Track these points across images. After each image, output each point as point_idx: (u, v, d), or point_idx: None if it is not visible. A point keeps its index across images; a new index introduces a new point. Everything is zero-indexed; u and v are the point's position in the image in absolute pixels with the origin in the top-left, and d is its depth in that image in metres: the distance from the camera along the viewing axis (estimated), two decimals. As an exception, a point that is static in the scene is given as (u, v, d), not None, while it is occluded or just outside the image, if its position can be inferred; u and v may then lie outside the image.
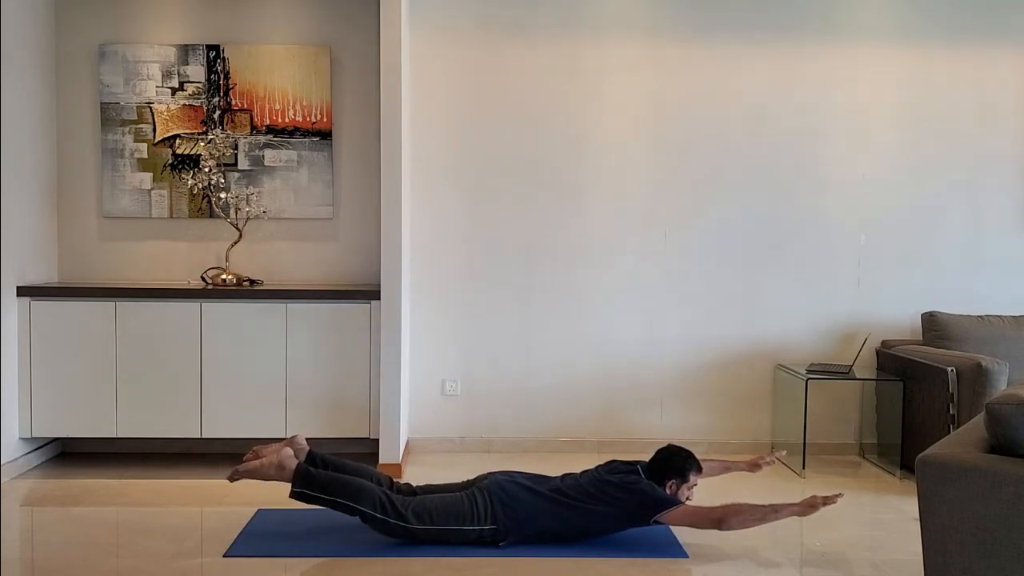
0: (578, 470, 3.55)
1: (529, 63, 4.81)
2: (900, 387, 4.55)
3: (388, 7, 4.24)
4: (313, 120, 4.75)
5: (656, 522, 3.30)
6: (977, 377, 4.10)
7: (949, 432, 3.91)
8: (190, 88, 4.73)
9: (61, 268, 4.77)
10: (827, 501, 3.22)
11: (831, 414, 4.92)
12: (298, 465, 3.31)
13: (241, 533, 3.43)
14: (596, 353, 4.88)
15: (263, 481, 3.38)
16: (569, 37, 4.80)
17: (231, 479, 3.38)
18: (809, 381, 4.48)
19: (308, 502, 3.30)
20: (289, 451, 3.36)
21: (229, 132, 4.74)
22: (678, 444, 3.60)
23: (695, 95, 4.84)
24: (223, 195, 4.69)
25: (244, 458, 3.41)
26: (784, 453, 3.98)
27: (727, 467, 3.75)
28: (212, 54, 4.71)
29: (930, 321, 4.71)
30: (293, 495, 3.29)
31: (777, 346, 4.92)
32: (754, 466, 3.70)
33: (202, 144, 4.73)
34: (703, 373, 4.92)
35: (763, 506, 3.26)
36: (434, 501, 3.32)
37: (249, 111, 4.74)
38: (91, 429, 4.35)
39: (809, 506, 3.23)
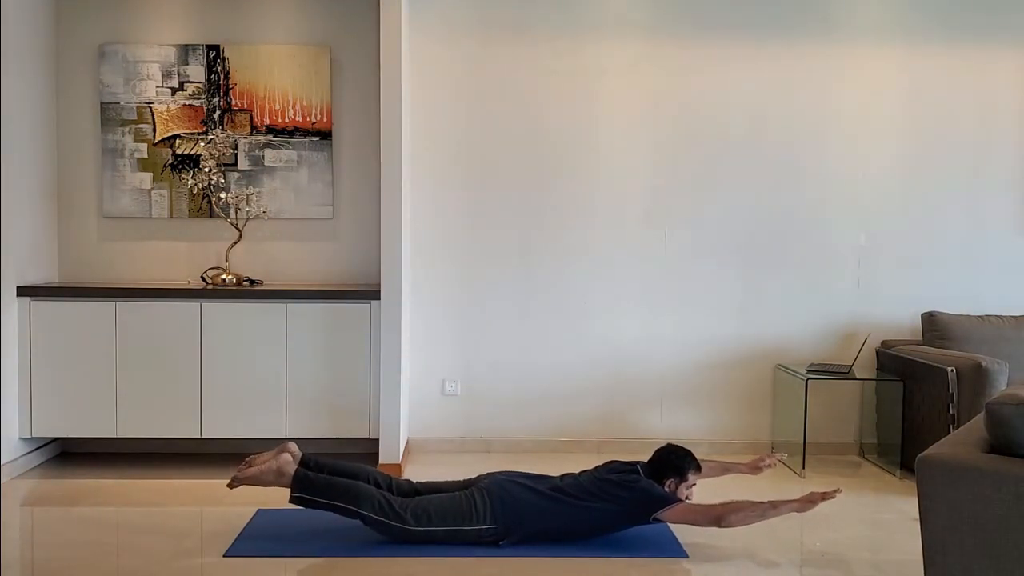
0: (577, 470, 3.55)
1: (529, 63, 4.80)
2: (900, 387, 4.54)
3: (388, 7, 4.25)
4: (313, 120, 4.75)
5: (656, 520, 3.30)
6: (977, 377, 4.10)
7: (949, 432, 3.91)
8: (190, 88, 4.73)
9: (61, 268, 4.77)
10: (826, 496, 3.22)
11: (831, 414, 4.92)
12: (296, 470, 3.32)
13: (241, 533, 3.43)
14: (596, 353, 4.88)
15: (263, 487, 3.40)
16: (569, 37, 4.80)
17: (230, 486, 3.40)
18: (809, 381, 4.48)
19: (308, 506, 3.30)
20: (287, 457, 3.37)
21: (229, 132, 4.74)
22: (678, 444, 3.60)
23: (695, 95, 4.84)
24: (223, 195, 4.69)
25: (239, 467, 3.42)
26: (785, 455, 3.99)
27: (727, 468, 3.74)
28: (212, 54, 4.71)
29: (930, 321, 4.71)
30: (293, 500, 3.30)
31: (777, 346, 4.92)
32: (755, 468, 3.68)
33: (202, 144, 4.73)
34: (703, 373, 4.92)
35: (762, 503, 3.26)
36: (433, 502, 3.32)
37: (249, 111, 4.74)
38: (91, 429, 4.35)
39: (808, 502, 3.24)
